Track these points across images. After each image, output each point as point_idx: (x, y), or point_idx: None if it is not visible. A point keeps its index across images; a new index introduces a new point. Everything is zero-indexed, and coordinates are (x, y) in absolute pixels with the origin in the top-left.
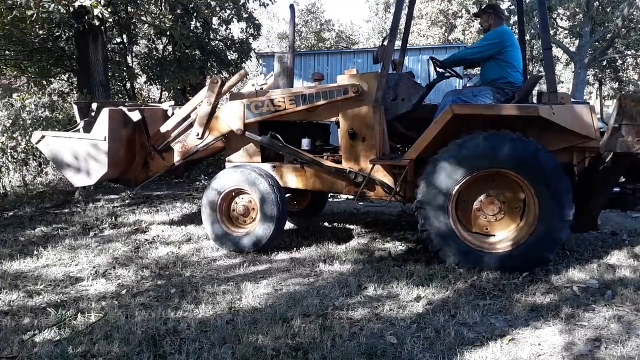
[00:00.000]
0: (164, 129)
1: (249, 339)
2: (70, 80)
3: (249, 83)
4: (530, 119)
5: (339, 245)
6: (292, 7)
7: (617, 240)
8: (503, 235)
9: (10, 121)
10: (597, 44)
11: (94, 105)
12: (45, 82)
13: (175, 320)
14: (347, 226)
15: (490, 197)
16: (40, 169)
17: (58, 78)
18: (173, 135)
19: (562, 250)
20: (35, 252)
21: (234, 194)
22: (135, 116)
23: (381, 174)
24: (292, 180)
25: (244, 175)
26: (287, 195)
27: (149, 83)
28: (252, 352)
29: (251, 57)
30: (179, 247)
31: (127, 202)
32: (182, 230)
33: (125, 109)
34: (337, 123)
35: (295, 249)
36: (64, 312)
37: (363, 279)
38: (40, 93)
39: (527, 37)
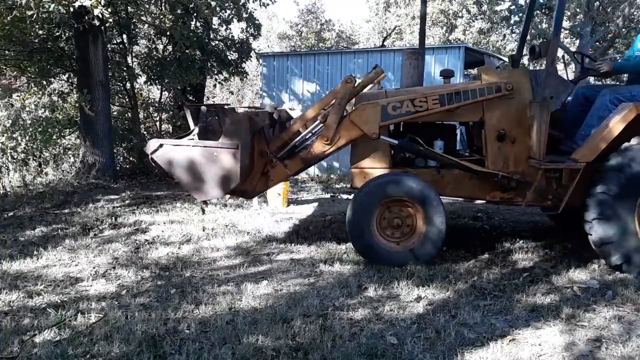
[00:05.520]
0: (287, 134)
1: (249, 339)
2: (70, 80)
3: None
4: None
5: (339, 245)
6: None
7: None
8: None
9: (10, 121)
10: (597, 44)
11: (203, 109)
12: (45, 82)
13: (175, 321)
14: None
15: None
16: (40, 169)
17: (58, 78)
18: (296, 140)
19: (562, 250)
20: (35, 252)
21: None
22: (262, 121)
23: (533, 178)
24: None
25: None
26: None
27: (148, 83)
28: (252, 352)
29: (251, 57)
30: (179, 247)
31: (127, 202)
32: (182, 230)
33: (251, 113)
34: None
35: (295, 249)
36: (64, 312)
37: (363, 279)
38: (40, 93)
39: (528, 37)
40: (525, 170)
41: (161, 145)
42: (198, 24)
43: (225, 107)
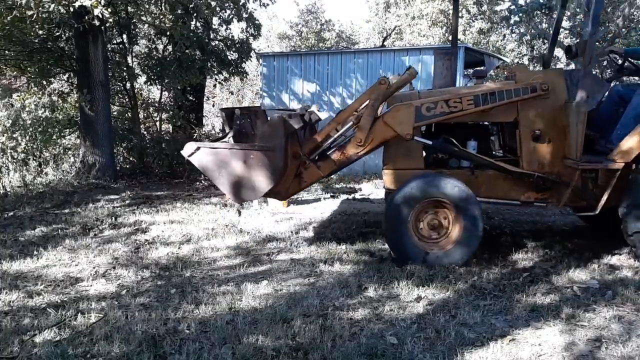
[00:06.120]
0: (319, 136)
1: (249, 339)
2: (70, 80)
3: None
4: None
5: (339, 245)
6: None
7: (617, 240)
8: None
9: (10, 121)
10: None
11: (237, 112)
12: (45, 82)
13: (175, 320)
14: (347, 226)
15: None
16: (40, 169)
17: (58, 78)
18: (329, 142)
19: (562, 250)
20: (35, 252)
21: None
22: (297, 123)
23: (569, 179)
24: None
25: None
26: None
27: (148, 83)
28: (252, 352)
29: (251, 57)
30: (179, 247)
31: (127, 202)
32: (182, 230)
33: (285, 116)
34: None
35: (295, 249)
36: (64, 312)
37: (363, 279)
38: (40, 93)
39: (528, 37)
40: (561, 170)
41: (198, 149)
42: (198, 24)
43: (257, 110)
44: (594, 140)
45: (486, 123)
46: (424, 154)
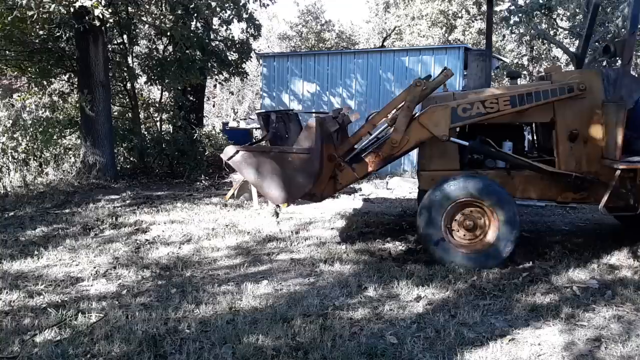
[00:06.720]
0: (354, 138)
1: (249, 338)
2: (71, 81)
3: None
4: None
5: (339, 245)
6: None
7: (617, 240)
8: None
9: (11, 121)
10: (597, 44)
11: (273, 115)
12: (45, 82)
13: (176, 320)
14: (347, 226)
15: None
16: (40, 169)
17: (58, 78)
18: (364, 144)
19: (562, 250)
20: (36, 252)
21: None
22: (333, 126)
23: (607, 179)
24: None
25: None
26: None
27: (149, 83)
28: (252, 351)
29: (251, 57)
30: (179, 247)
31: (127, 202)
32: (182, 230)
33: (321, 119)
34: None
35: (295, 249)
36: (64, 312)
37: (363, 279)
38: (41, 93)
39: (527, 37)
40: (599, 170)
41: (237, 152)
42: (198, 24)
43: (289, 113)
44: (631, 139)
45: (521, 123)
46: (461, 154)
